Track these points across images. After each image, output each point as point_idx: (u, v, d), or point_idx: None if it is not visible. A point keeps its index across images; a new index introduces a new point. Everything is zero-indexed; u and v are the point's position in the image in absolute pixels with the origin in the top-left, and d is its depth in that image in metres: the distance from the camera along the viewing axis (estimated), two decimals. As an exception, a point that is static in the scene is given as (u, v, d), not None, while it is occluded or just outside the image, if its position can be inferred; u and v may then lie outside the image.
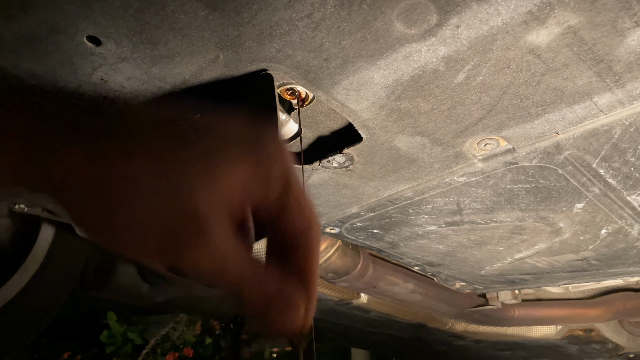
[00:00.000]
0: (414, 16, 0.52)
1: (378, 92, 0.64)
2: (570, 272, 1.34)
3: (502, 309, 1.78)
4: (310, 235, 0.35)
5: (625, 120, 0.67)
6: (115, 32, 0.54)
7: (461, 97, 0.65)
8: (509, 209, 0.96)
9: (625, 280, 1.69)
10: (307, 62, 0.59)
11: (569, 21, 0.52)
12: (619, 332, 2.12)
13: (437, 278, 1.49)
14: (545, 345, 2.20)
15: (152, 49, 0.56)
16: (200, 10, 0.51)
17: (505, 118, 0.69)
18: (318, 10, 0.51)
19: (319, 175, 0.87)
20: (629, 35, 0.53)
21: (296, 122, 0.76)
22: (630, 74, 0.59)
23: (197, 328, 4.00)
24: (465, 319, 1.89)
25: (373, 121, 0.70)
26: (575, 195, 0.88)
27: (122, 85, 0.62)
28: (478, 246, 1.17)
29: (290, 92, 0.67)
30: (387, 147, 0.77)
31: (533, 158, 0.77)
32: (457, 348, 2.33)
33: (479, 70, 0.60)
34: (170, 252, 0.28)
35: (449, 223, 1.04)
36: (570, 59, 0.57)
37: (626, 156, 0.75)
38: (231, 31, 0.54)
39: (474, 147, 0.76)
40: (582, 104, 0.65)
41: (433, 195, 0.92)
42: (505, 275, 1.41)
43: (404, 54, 0.58)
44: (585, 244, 1.10)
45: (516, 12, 0.52)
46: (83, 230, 0.29)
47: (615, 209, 0.93)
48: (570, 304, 1.86)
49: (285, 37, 0.55)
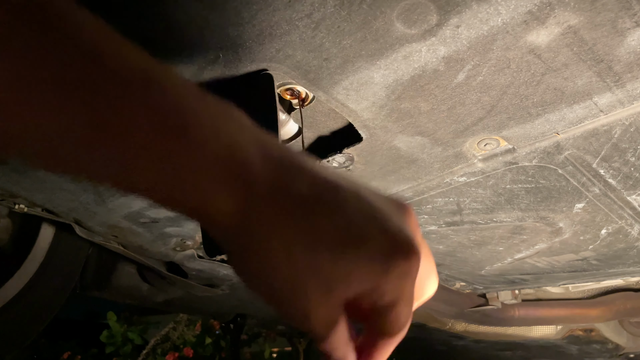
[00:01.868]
0: (414, 16, 0.52)
1: (378, 92, 0.64)
2: (570, 272, 1.34)
3: (502, 309, 1.78)
4: (403, 332, 0.32)
5: (625, 120, 0.67)
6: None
7: (461, 97, 0.65)
8: (509, 209, 0.96)
9: (626, 280, 1.69)
10: (307, 62, 0.59)
11: (569, 21, 0.52)
12: (619, 332, 2.12)
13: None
14: (546, 345, 2.19)
15: (151, 48, 0.56)
16: (200, 10, 0.51)
17: (505, 118, 0.69)
18: (318, 10, 0.51)
19: (319, 175, 0.87)
20: (629, 35, 0.53)
21: (296, 122, 0.76)
22: (630, 74, 0.59)
23: (197, 328, 4.00)
24: (466, 319, 1.89)
25: (373, 121, 0.70)
26: (576, 195, 0.88)
27: (122, 85, 0.62)
28: (478, 246, 1.17)
29: (290, 92, 0.67)
30: (387, 147, 0.77)
31: (533, 158, 0.77)
32: (457, 348, 2.33)
33: (479, 70, 0.60)
34: None
35: (449, 223, 1.04)
36: (571, 59, 0.57)
37: (626, 156, 0.75)
38: (231, 31, 0.54)
39: (474, 147, 0.76)
40: (582, 104, 0.65)
41: (433, 195, 0.92)
42: (505, 275, 1.41)
43: (404, 54, 0.58)
44: (586, 244, 1.10)
45: (516, 12, 0.51)
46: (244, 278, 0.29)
47: (615, 209, 0.93)
48: (570, 304, 1.86)
49: (285, 37, 0.55)
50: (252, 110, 0.67)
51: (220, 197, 0.26)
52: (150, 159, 0.24)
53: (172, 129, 0.24)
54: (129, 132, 0.23)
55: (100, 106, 0.23)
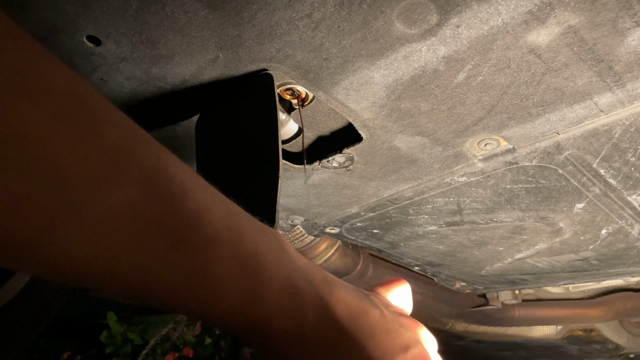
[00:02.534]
0: (414, 16, 0.52)
1: (378, 92, 0.64)
2: (571, 272, 1.34)
3: (503, 309, 1.78)
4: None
5: (626, 120, 0.67)
6: (115, 31, 0.54)
7: (461, 97, 0.65)
8: (509, 209, 0.96)
9: (626, 280, 1.69)
10: (307, 62, 0.59)
11: (569, 21, 0.52)
12: (620, 332, 2.12)
13: (438, 278, 1.49)
14: (546, 345, 2.19)
15: (151, 48, 0.56)
16: (200, 10, 0.51)
17: (505, 118, 0.69)
18: (318, 10, 0.51)
19: (319, 175, 0.87)
20: (629, 35, 0.53)
21: (296, 122, 0.75)
22: (631, 74, 0.59)
23: (197, 328, 4.00)
24: (466, 319, 1.89)
25: (373, 121, 0.70)
26: (576, 195, 0.88)
27: (122, 85, 0.62)
28: (478, 246, 1.17)
29: (290, 92, 0.67)
30: (387, 147, 0.77)
31: (533, 158, 0.77)
32: (458, 348, 2.33)
33: (479, 70, 0.60)
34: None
35: (449, 223, 1.04)
36: (571, 58, 0.57)
37: (626, 156, 0.75)
38: (231, 31, 0.54)
39: (474, 147, 0.76)
40: (582, 104, 0.65)
41: (433, 195, 0.92)
42: (505, 275, 1.41)
43: (404, 54, 0.58)
44: (586, 244, 1.10)
45: (516, 12, 0.51)
46: None
47: (616, 209, 0.93)
48: (570, 304, 1.86)
49: (285, 36, 0.55)
50: (252, 110, 0.67)
51: (281, 319, 0.32)
52: (234, 302, 0.30)
53: (250, 277, 0.30)
54: (219, 277, 0.29)
55: (195, 261, 0.27)
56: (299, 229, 1.15)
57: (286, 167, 0.83)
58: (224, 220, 0.30)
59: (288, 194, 0.96)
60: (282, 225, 1.12)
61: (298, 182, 0.90)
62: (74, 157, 0.22)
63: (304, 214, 1.06)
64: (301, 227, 1.12)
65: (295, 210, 1.04)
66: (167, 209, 0.26)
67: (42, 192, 0.21)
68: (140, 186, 0.25)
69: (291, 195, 0.96)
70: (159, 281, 0.26)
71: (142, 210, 0.25)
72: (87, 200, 0.23)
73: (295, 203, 1.00)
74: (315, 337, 0.34)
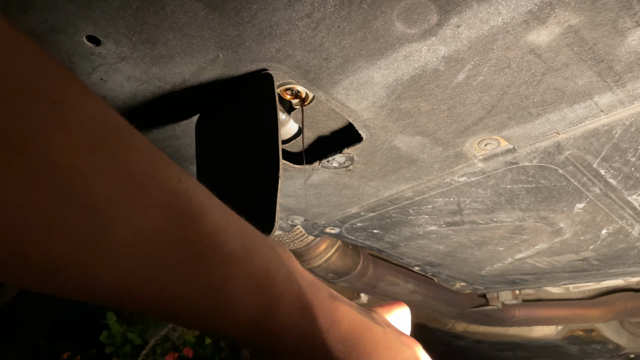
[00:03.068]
0: (414, 16, 0.52)
1: (378, 92, 0.64)
2: (571, 272, 1.34)
3: (503, 309, 1.78)
4: None
5: (626, 120, 0.67)
6: (115, 31, 0.54)
7: (461, 97, 0.65)
8: (509, 209, 0.96)
9: (626, 281, 1.69)
10: (307, 61, 0.59)
11: (570, 21, 0.52)
12: (620, 333, 2.11)
13: (438, 278, 1.49)
14: (546, 345, 2.19)
15: (151, 48, 0.56)
16: (200, 9, 0.51)
17: (505, 118, 0.69)
18: (318, 9, 0.51)
19: (319, 175, 0.87)
20: (629, 35, 0.53)
21: (296, 122, 0.75)
22: (631, 74, 0.59)
23: (197, 328, 4.00)
24: (466, 319, 1.89)
25: (373, 121, 0.70)
26: (576, 195, 0.88)
27: (122, 85, 0.62)
28: (478, 246, 1.17)
29: (290, 92, 0.67)
30: (387, 147, 0.77)
31: (533, 158, 0.77)
32: (458, 348, 2.33)
33: (480, 70, 0.60)
34: None
35: (449, 223, 1.04)
36: (571, 58, 0.57)
37: (627, 156, 0.75)
38: (231, 31, 0.54)
39: (475, 147, 0.76)
40: (582, 104, 0.65)
41: (433, 195, 0.92)
42: (505, 275, 1.41)
43: (404, 54, 0.58)
44: (586, 244, 1.10)
45: (517, 12, 0.51)
46: None
47: (616, 209, 0.93)
48: (570, 304, 1.86)
49: (285, 36, 0.55)
50: (252, 110, 0.67)
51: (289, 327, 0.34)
52: (245, 317, 0.31)
53: (264, 294, 0.31)
54: (236, 294, 0.30)
55: (213, 280, 0.28)
56: (299, 229, 1.15)
57: (286, 167, 0.83)
58: (239, 238, 0.31)
59: (288, 194, 0.95)
60: (282, 225, 1.12)
61: (298, 182, 0.90)
62: (105, 184, 0.23)
63: (303, 214, 1.06)
64: (301, 227, 1.12)
65: (295, 210, 1.04)
66: (188, 230, 0.27)
67: (75, 217, 0.22)
68: (163, 208, 0.26)
69: (291, 195, 0.96)
70: (180, 300, 0.27)
71: (165, 232, 0.25)
72: (116, 224, 0.24)
73: (295, 203, 1.00)
74: (322, 351, 0.35)
